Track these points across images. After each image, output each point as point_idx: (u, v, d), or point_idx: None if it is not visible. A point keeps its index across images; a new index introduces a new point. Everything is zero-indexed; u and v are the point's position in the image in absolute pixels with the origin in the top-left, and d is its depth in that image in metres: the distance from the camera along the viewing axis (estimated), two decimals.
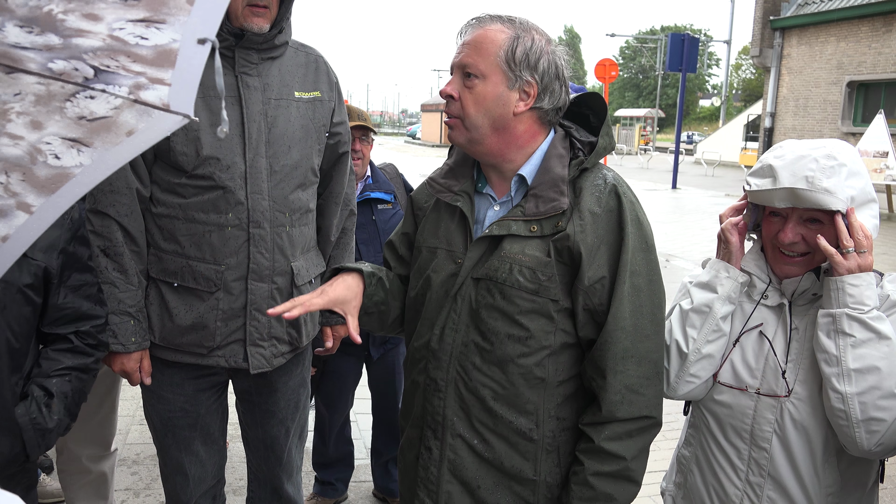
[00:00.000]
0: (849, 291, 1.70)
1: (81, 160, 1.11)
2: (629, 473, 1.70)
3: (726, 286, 1.88)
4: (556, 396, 1.76)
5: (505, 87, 1.70)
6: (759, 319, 1.88)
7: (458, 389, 1.79)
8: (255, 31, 2.31)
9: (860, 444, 1.69)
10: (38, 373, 1.98)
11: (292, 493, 2.80)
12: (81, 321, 2.08)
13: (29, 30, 1.07)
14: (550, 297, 1.71)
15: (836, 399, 1.69)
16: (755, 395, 1.84)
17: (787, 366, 1.81)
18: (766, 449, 1.83)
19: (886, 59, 18.08)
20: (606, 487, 1.69)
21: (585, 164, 1.76)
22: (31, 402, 1.93)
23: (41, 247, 1.91)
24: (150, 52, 1.06)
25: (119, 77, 1.05)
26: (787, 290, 1.86)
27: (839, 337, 1.70)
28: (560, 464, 1.78)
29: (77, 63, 1.05)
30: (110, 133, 1.08)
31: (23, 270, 1.87)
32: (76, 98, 1.07)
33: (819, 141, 1.82)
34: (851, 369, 1.68)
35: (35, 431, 1.92)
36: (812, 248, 1.78)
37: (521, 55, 1.69)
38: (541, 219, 1.71)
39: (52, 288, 1.98)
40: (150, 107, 1.04)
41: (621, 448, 1.69)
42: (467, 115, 1.73)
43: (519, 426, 1.75)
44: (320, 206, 2.69)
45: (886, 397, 1.66)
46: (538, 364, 1.73)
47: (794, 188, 1.72)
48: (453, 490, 1.82)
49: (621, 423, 1.70)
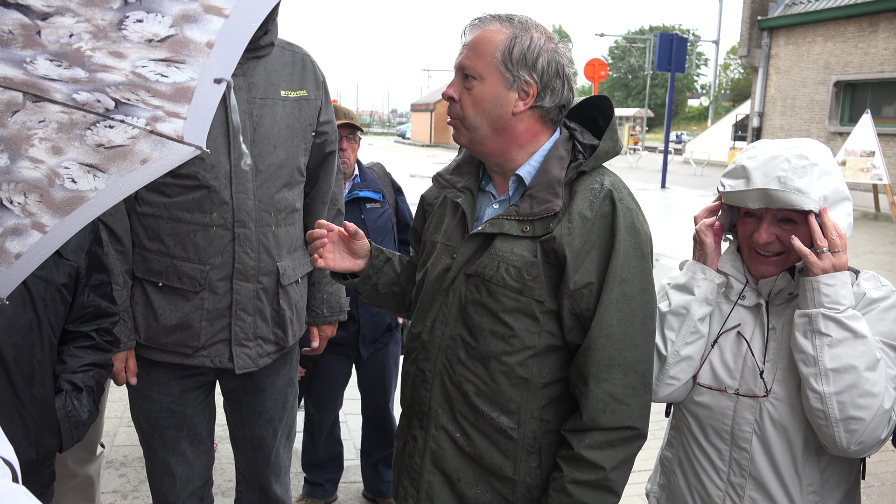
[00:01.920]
0: (824, 291, 1.71)
1: (96, 185, 1.18)
2: (608, 483, 1.69)
3: (703, 288, 1.89)
4: (540, 398, 1.77)
5: (503, 87, 1.72)
6: (737, 320, 1.89)
7: (443, 382, 1.83)
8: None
9: (840, 444, 1.70)
10: (64, 369, 2.06)
11: (280, 493, 2.80)
12: (101, 319, 2.16)
13: (58, 63, 1.13)
14: (535, 298, 1.72)
15: (814, 399, 1.70)
16: (734, 395, 1.85)
17: (765, 366, 1.83)
18: (746, 449, 1.84)
19: (873, 59, 18.24)
20: (584, 496, 1.68)
21: (583, 167, 1.75)
22: (65, 397, 2.01)
23: (72, 248, 2.01)
24: (168, 87, 1.12)
25: (138, 109, 1.11)
26: (763, 290, 1.87)
27: (816, 337, 1.71)
28: (542, 466, 1.78)
29: (100, 95, 1.11)
30: (126, 160, 1.15)
31: (60, 270, 1.96)
32: (96, 127, 1.13)
33: (791, 140, 1.83)
34: (829, 369, 1.69)
35: (71, 424, 2.01)
36: (787, 247, 1.80)
37: (519, 55, 1.70)
38: (533, 219, 1.72)
39: (80, 287, 2.07)
40: (165, 138, 1.10)
41: (601, 457, 1.67)
42: (466, 117, 1.75)
43: (500, 424, 1.77)
44: (307, 206, 2.68)
45: (864, 396, 1.67)
46: (521, 363, 1.74)
47: (766, 189, 1.73)
48: (434, 480, 1.85)
49: (602, 432, 1.68)
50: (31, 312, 1.91)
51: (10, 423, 1.86)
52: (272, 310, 2.51)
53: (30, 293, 1.89)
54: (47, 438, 1.97)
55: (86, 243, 2.07)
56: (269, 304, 2.50)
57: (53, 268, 1.93)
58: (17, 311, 1.86)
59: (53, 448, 2.00)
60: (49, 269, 1.92)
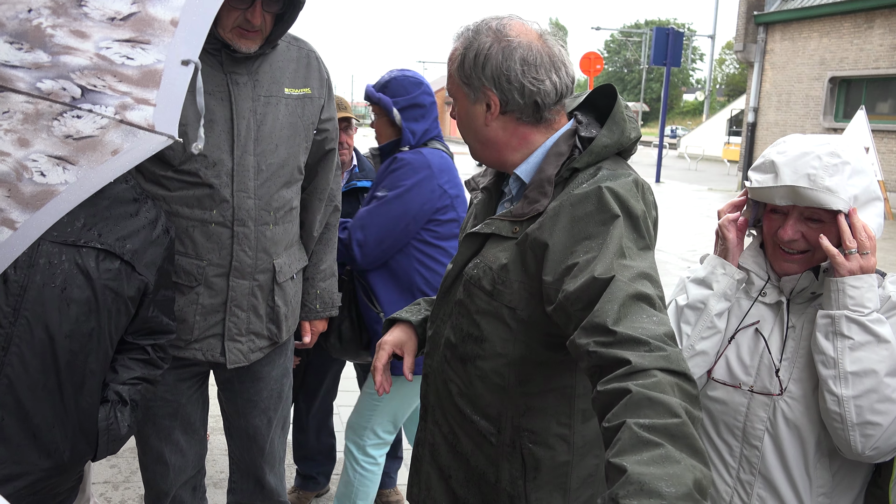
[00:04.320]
0: (849, 293, 1.68)
1: (67, 178, 1.13)
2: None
3: (722, 283, 1.86)
4: (521, 406, 1.69)
5: (469, 102, 1.70)
6: (756, 317, 1.87)
7: (436, 380, 1.83)
8: (241, 51, 2.28)
9: (854, 448, 1.68)
10: (114, 378, 2.03)
11: (275, 483, 2.80)
12: (159, 334, 2.14)
13: (19, 46, 1.08)
14: (505, 303, 1.64)
15: (832, 401, 1.68)
16: (748, 392, 1.83)
17: (782, 364, 1.80)
18: (757, 447, 1.83)
19: (868, 55, 18.24)
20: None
21: (575, 164, 1.63)
22: (110, 408, 1.98)
23: (146, 262, 1.98)
24: (135, 72, 1.07)
25: (105, 97, 1.07)
26: (785, 288, 1.84)
27: (837, 339, 1.68)
28: (525, 477, 1.71)
29: (65, 82, 1.07)
30: (96, 152, 1.10)
31: (130, 283, 1.94)
32: (63, 117, 1.08)
33: (824, 137, 1.78)
34: (849, 372, 1.66)
35: (109, 437, 1.99)
36: (812, 246, 1.76)
37: (469, 67, 1.65)
38: (522, 220, 1.65)
39: (146, 301, 2.04)
40: (136, 127, 1.06)
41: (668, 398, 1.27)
42: (462, 137, 1.77)
43: (481, 427, 1.73)
44: (304, 201, 2.68)
45: (883, 401, 1.65)
46: (495, 370, 1.68)
47: (795, 186, 1.69)
48: (432, 473, 1.87)
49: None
50: (95, 321, 1.88)
51: (49, 429, 1.83)
52: (267, 306, 2.52)
53: (97, 302, 1.87)
54: (83, 446, 1.94)
55: (158, 259, 2.04)
56: (265, 301, 2.51)
57: (124, 280, 1.92)
58: (80, 318, 1.84)
59: (86, 456, 1.97)
60: (120, 281, 1.90)
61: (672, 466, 1.12)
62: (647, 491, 1.09)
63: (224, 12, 2.21)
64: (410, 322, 2.03)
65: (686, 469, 1.12)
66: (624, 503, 1.09)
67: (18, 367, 1.72)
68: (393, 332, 2.01)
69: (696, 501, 1.09)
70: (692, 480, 1.11)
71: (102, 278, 1.85)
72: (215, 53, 2.30)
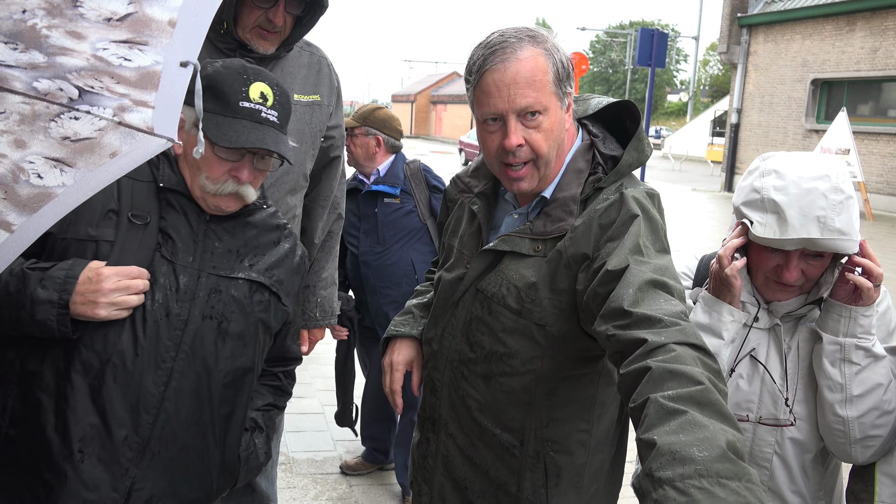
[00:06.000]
0: (860, 322, 1.69)
1: (64, 180, 1.12)
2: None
3: (731, 330, 1.78)
4: (545, 418, 1.69)
5: (561, 110, 1.64)
6: (752, 343, 1.85)
7: (450, 394, 1.80)
8: (259, 52, 2.27)
9: (854, 458, 1.74)
10: (251, 405, 1.97)
11: (265, 487, 2.78)
12: (290, 361, 2.12)
13: (14, 46, 1.07)
14: (534, 321, 1.63)
15: (836, 422, 1.72)
16: (755, 423, 1.83)
17: (787, 390, 1.80)
18: (766, 468, 1.84)
19: (849, 57, 18.42)
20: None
21: (601, 184, 1.64)
22: (249, 437, 1.93)
23: (290, 293, 1.93)
24: (133, 73, 1.07)
25: (103, 98, 1.06)
26: (777, 312, 1.83)
27: (845, 365, 1.70)
28: (546, 485, 1.71)
29: (62, 83, 1.06)
30: (94, 154, 1.09)
31: (277, 314, 1.88)
32: (61, 118, 1.08)
33: (817, 164, 1.72)
34: (854, 395, 1.69)
35: (248, 466, 1.92)
36: (809, 278, 1.75)
37: (563, 73, 1.62)
38: (546, 238, 1.64)
39: (284, 330, 2.00)
40: (135, 129, 1.05)
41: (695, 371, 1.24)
42: (541, 155, 1.62)
43: (503, 440, 1.72)
44: (307, 207, 2.66)
45: (882, 416, 1.71)
46: (523, 387, 1.67)
47: (809, 238, 1.64)
48: (446, 484, 1.84)
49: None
50: (247, 355, 1.82)
51: (201, 461, 1.77)
52: None
53: (249, 336, 1.81)
54: (227, 476, 1.87)
55: (297, 288, 1.99)
56: None
57: (272, 311, 1.86)
58: (235, 352, 1.78)
59: (230, 485, 1.91)
60: (268, 313, 1.85)
61: (701, 431, 1.09)
62: (681, 459, 1.06)
63: (246, 11, 2.21)
64: (414, 336, 1.99)
65: (717, 432, 1.09)
66: (658, 475, 1.05)
67: (176, 402, 1.67)
68: (401, 351, 1.97)
69: (732, 462, 1.05)
70: (725, 442, 1.08)
71: (256, 310, 1.81)
72: (230, 54, 2.28)
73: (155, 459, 1.66)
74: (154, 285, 1.65)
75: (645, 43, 20.76)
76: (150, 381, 1.64)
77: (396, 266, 3.54)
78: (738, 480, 1.03)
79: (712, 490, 1.01)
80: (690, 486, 1.01)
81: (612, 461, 1.84)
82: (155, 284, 1.65)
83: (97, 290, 1.54)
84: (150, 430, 1.64)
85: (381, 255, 3.54)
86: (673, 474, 1.04)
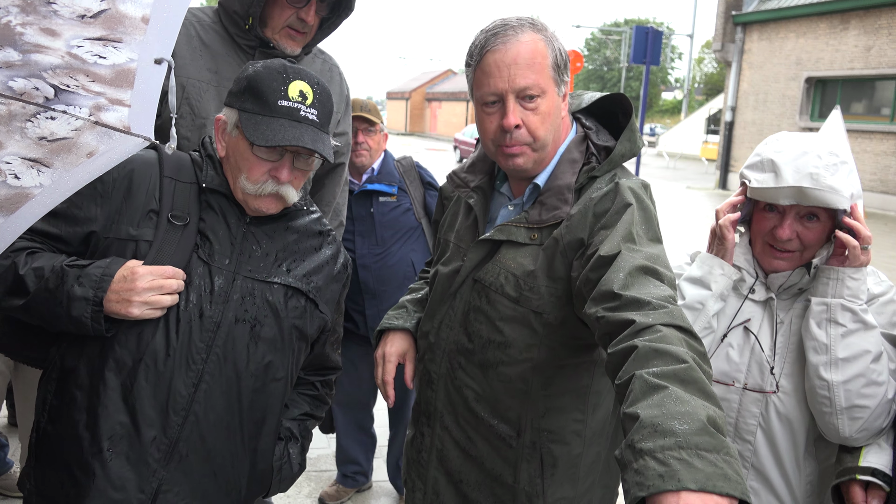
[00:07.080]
0: (847, 284, 1.72)
1: (41, 181, 1.11)
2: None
3: (720, 283, 1.86)
4: (541, 408, 1.73)
5: (558, 95, 1.68)
6: (746, 314, 1.89)
7: (447, 385, 1.82)
8: (286, 52, 2.26)
9: (841, 432, 1.72)
10: (285, 414, 1.95)
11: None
12: (328, 370, 2.09)
13: None
14: (532, 309, 1.67)
15: (821, 387, 1.72)
16: (741, 389, 1.86)
17: (775, 360, 1.83)
18: (750, 441, 1.85)
19: (843, 55, 18.45)
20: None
21: (595, 173, 1.69)
22: (283, 446, 1.91)
23: (327, 299, 1.91)
24: (108, 71, 1.06)
25: (79, 97, 1.05)
26: (773, 285, 1.87)
27: (831, 326, 1.72)
28: (543, 475, 1.75)
29: (37, 82, 1.04)
30: (71, 154, 1.08)
31: (313, 321, 1.87)
32: (37, 118, 1.06)
33: (814, 136, 1.81)
34: (839, 358, 1.71)
35: (281, 476, 1.91)
36: (805, 245, 1.80)
37: (562, 59, 1.67)
38: (541, 227, 1.67)
39: (322, 338, 1.98)
40: (111, 129, 1.04)
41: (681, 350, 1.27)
42: (538, 137, 1.66)
43: (499, 431, 1.74)
44: None
45: (870, 385, 1.70)
46: (520, 376, 1.70)
47: (801, 186, 1.71)
48: (440, 478, 1.86)
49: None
50: (280, 360, 1.81)
51: (230, 467, 1.75)
52: None
53: (283, 341, 1.80)
54: (257, 484, 1.86)
55: (337, 295, 1.97)
56: None
57: (308, 318, 1.85)
58: (267, 356, 1.77)
59: (260, 493, 1.90)
60: (304, 319, 1.83)
61: (683, 406, 1.12)
62: (661, 431, 1.09)
63: (276, 11, 2.20)
64: (407, 329, 2.00)
65: (698, 407, 1.12)
66: (640, 447, 1.08)
67: (206, 405, 1.67)
68: (394, 343, 1.98)
69: (712, 435, 1.08)
70: (705, 416, 1.11)
71: (290, 316, 1.80)
72: (249, 51, 2.26)
73: (183, 462, 1.66)
74: (189, 286, 1.65)
75: (640, 41, 20.76)
76: (180, 381, 1.64)
77: (397, 268, 3.45)
78: (717, 453, 1.06)
79: (691, 461, 1.04)
80: (670, 456, 1.05)
81: (608, 454, 1.86)
82: (190, 285, 1.65)
83: (131, 288, 1.54)
84: (179, 431, 1.64)
85: (381, 256, 3.44)
86: (654, 445, 1.07)
